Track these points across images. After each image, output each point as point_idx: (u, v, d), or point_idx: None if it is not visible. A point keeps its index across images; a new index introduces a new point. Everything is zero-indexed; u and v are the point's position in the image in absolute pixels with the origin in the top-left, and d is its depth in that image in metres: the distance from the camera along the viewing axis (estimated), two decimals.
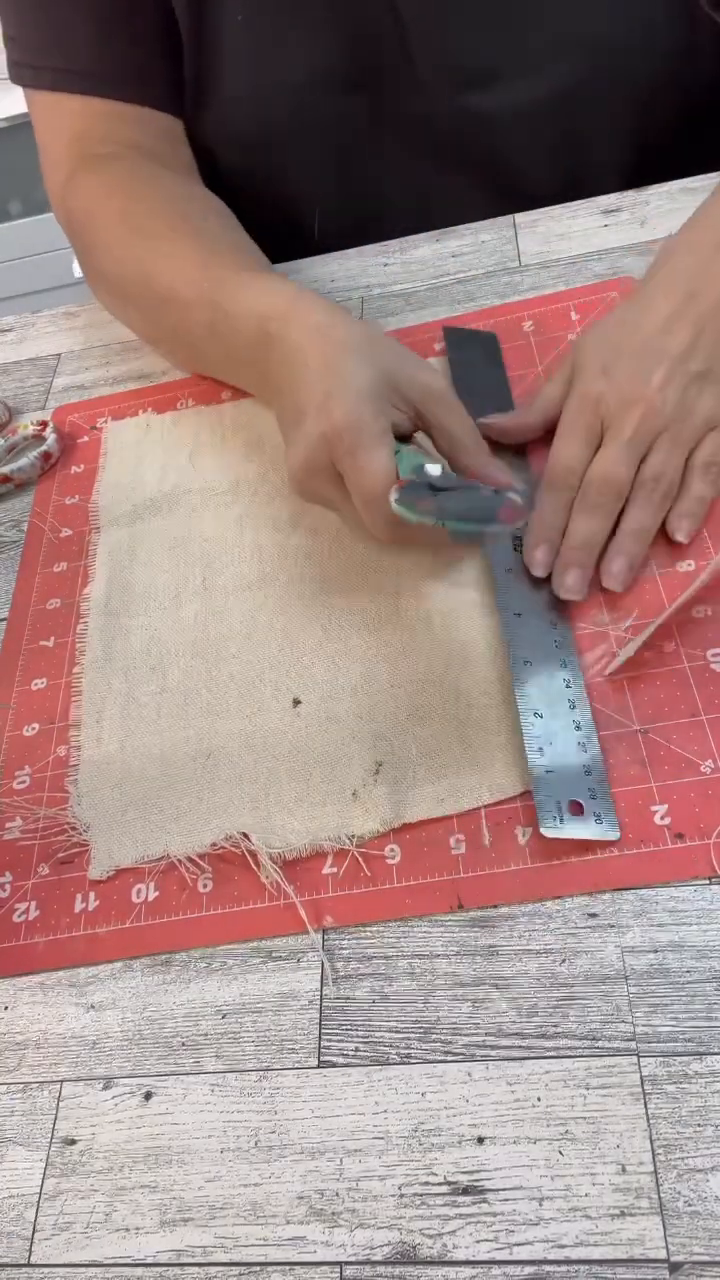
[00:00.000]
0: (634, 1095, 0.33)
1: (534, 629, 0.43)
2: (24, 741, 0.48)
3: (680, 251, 0.48)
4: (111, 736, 0.47)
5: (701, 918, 0.36)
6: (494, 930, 0.37)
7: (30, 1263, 0.35)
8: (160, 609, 0.51)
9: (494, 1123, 0.34)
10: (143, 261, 0.57)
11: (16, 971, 0.41)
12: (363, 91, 0.62)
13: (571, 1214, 0.32)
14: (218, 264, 0.53)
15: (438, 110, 0.62)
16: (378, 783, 0.41)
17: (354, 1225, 0.33)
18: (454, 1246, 0.32)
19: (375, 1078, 0.35)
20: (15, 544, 0.57)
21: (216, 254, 0.54)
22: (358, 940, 0.38)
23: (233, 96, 0.62)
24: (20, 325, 0.72)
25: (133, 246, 0.58)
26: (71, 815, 0.44)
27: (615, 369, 0.46)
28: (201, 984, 0.39)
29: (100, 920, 0.41)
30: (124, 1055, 0.38)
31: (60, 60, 0.61)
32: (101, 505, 0.57)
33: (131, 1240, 0.34)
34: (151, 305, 0.58)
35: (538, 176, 0.65)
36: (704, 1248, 0.30)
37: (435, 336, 0.58)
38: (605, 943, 0.36)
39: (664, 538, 0.45)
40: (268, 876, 0.40)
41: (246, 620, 0.49)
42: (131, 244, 0.58)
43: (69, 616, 0.52)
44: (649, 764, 0.39)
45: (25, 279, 1.67)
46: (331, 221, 0.69)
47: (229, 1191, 0.34)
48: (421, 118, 0.63)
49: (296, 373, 0.46)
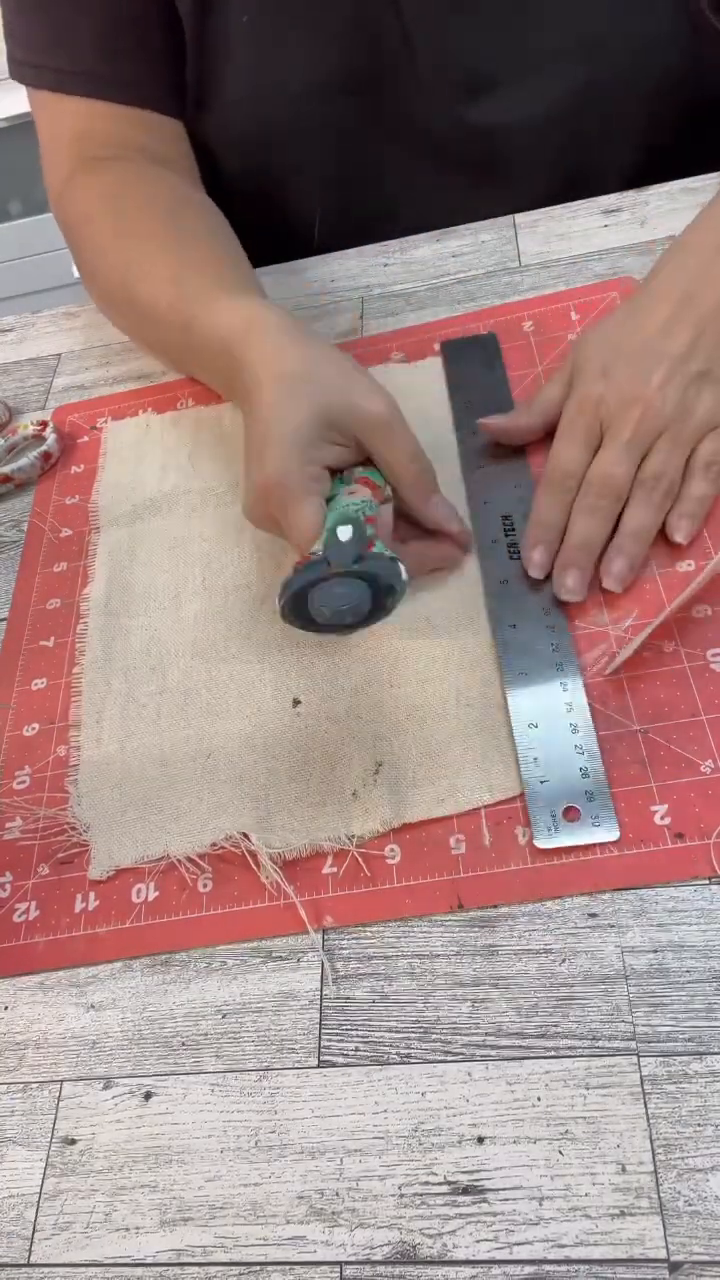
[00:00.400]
0: (634, 1095, 0.33)
1: (530, 637, 0.43)
2: (24, 741, 0.48)
3: (681, 253, 0.48)
4: (111, 737, 0.47)
5: (701, 917, 0.36)
6: (494, 930, 0.37)
7: (30, 1262, 0.35)
8: (160, 609, 0.51)
9: (494, 1122, 0.34)
10: (128, 269, 0.57)
11: (16, 971, 0.41)
12: (365, 94, 0.62)
13: (571, 1214, 0.32)
14: (193, 279, 0.53)
15: (440, 114, 0.62)
16: (378, 783, 0.41)
17: (354, 1225, 0.33)
18: (454, 1246, 0.32)
19: (375, 1077, 0.35)
20: (15, 544, 0.57)
21: (194, 267, 0.54)
22: (357, 940, 0.38)
23: (235, 98, 0.62)
24: (20, 325, 0.72)
25: (120, 253, 0.58)
26: (71, 815, 0.44)
27: (615, 370, 0.46)
28: (201, 984, 0.39)
29: (100, 920, 0.41)
30: (124, 1055, 0.38)
31: (63, 61, 0.61)
32: (101, 505, 0.57)
33: (131, 1240, 0.34)
34: (134, 316, 0.59)
35: (540, 179, 0.65)
36: (704, 1247, 0.30)
37: (435, 336, 0.58)
38: (605, 942, 0.36)
39: (664, 537, 0.45)
40: (268, 876, 0.40)
41: (246, 620, 0.49)
42: (119, 251, 0.58)
43: (69, 616, 0.52)
44: (649, 764, 0.39)
45: (25, 279, 1.68)
46: (333, 223, 0.69)
47: (229, 1191, 0.34)
48: (424, 121, 0.63)
49: (250, 407, 0.46)
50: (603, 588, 0.44)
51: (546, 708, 0.41)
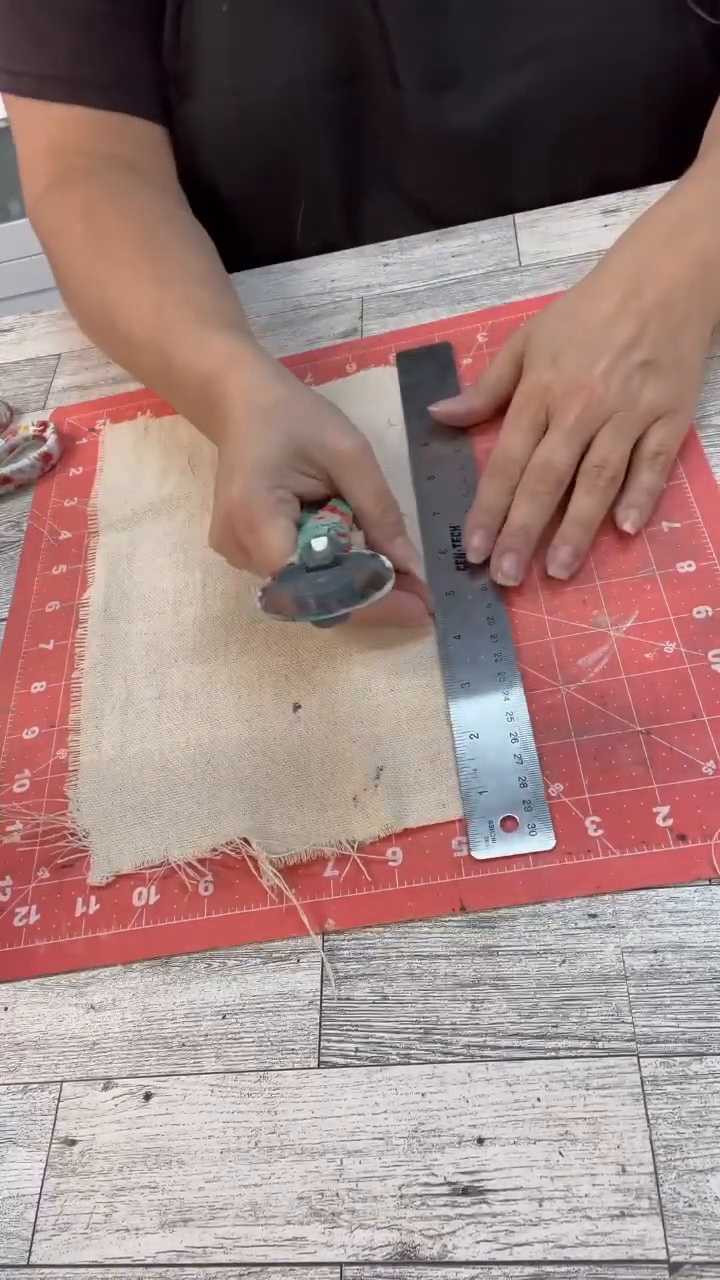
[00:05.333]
0: (634, 1096, 0.33)
1: (473, 648, 0.44)
2: (24, 745, 0.48)
3: (630, 242, 0.49)
4: (111, 741, 0.47)
5: (702, 918, 0.36)
6: (494, 931, 0.37)
7: (30, 1263, 0.35)
8: (160, 613, 0.51)
9: (494, 1123, 0.34)
10: (105, 288, 0.56)
11: (18, 976, 0.41)
12: (347, 87, 0.61)
13: (571, 1214, 0.32)
14: (172, 307, 0.52)
15: (419, 110, 0.62)
16: (378, 788, 0.41)
17: (354, 1226, 0.33)
18: (454, 1247, 0.32)
19: (375, 1078, 0.35)
20: (15, 544, 0.57)
21: (174, 299, 0.52)
22: (358, 941, 0.38)
23: (216, 89, 0.62)
24: (20, 325, 0.72)
25: (95, 272, 0.57)
26: (70, 821, 0.44)
27: (562, 359, 0.47)
28: (201, 985, 0.39)
29: (101, 924, 0.41)
30: (124, 1056, 0.38)
31: (41, 66, 0.60)
32: (100, 508, 0.57)
33: (131, 1241, 0.34)
34: (114, 341, 0.58)
35: (525, 179, 0.64)
36: (704, 1248, 0.30)
37: (435, 336, 0.58)
38: (605, 943, 0.36)
39: (664, 536, 0.45)
40: (269, 881, 0.40)
41: (246, 625, 0.49)
42: (94, 269, 0.57)
43: (68, 620, 0.52)
44: (651, 765, 0.39)
45: (25, 279, 1.67)
46: (314, 220, 0.68)
47: (229, 1192, 0.35)
48: (404, 117, 0.62)
49: (223, 440, 0.46)
50: (603, 588, 0.44)
51: (488, 717, 0.42)
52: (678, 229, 0.48)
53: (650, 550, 0.45)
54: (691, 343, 0.47)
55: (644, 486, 0.46)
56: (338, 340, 0.61)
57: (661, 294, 0.46)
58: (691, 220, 0.48)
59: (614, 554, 0.46)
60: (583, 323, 0.47)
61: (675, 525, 0.46)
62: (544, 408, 0.47)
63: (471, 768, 0.40)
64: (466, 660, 0.44)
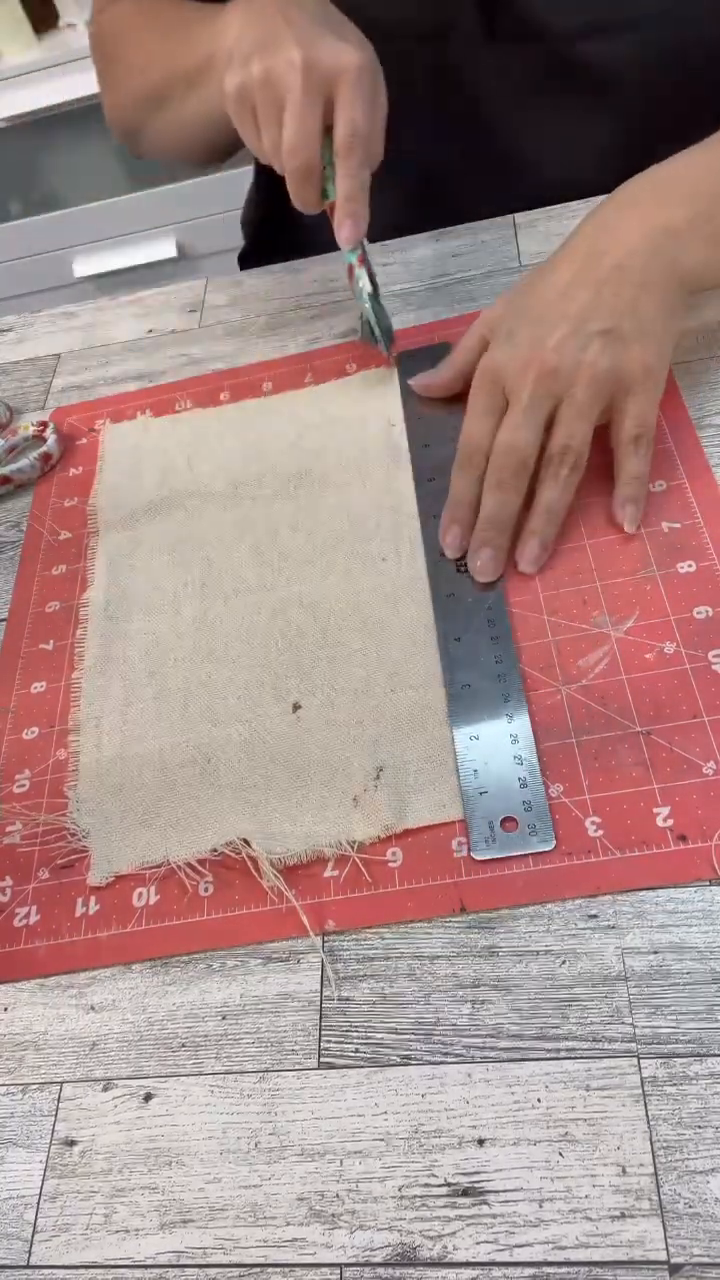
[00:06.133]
0: (634, 1097, 0.33)
1: (473, 650, 0.44)
2: (24, 745, 0.48)
3: (592, 216, 0.48)
4: (110, 741, 0.47)
5: (702, 919, 0.36)
6: (494, 931, 0.37)
7: (30, 1264, 0.35)
8: (159, 613, 0.51)
9: (494, 1124, 0.34)
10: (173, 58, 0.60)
11: (17, 976, 0.41)
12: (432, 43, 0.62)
13: (572, 1216, 0.32)
14: None
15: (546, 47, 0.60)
16: (379, 788, 0.41)
17: (354, 1227, 0.33)
18: (454, 1248, 0.32)
19: (375, 1079, 0.35)
20: (15, 544, 0.57)
21: None
22: (358, 941, 0.38)
23: None
24: (20, 325, 0.72)
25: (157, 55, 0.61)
26: (70, 821, 0.44)
27: (518, 335, 0.46)
28: (201, 985, 0.39)
29: (101, 925, 0.41)
30: (124, 1056, 0.38)
31: None
32: (100, 508, 0.57)
33: (131, 1242, 0.34)
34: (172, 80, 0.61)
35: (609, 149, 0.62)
36: (704, 1249, 0.30)
37: (435, 336, 0.58)
38: (605, 944, 0.36)
39: (664, 536, 0.45)
40: (269, 882, 0.40)
41: (246, 624, 0.49)
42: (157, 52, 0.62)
43: (68, 620, 0.52)
44: (651, 766, 0.39)
45: (25, 279, 1.67)
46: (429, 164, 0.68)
47: (229, 1193, 0.34)
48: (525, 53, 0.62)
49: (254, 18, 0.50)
50: (603, 588, 0.44)
51: (489, 718, 0.42)
52: (649, 197, 0.46)
53: (650, 550, 0.45)
54: (653, 311, 0.44)
55: (632, 474, 0.45)
56: (338, 340, 0.61)
57: (618, 260, 0.44)
58: (665, 188, 0.46)
59: (614, 554, 0.45)
60: (540, 295, 0.46)
61: (675, 525, 0.46)
62: (500, 388, 0.46)
63: (472, 768, 0.40)
64: (467, 661, 0.43)
